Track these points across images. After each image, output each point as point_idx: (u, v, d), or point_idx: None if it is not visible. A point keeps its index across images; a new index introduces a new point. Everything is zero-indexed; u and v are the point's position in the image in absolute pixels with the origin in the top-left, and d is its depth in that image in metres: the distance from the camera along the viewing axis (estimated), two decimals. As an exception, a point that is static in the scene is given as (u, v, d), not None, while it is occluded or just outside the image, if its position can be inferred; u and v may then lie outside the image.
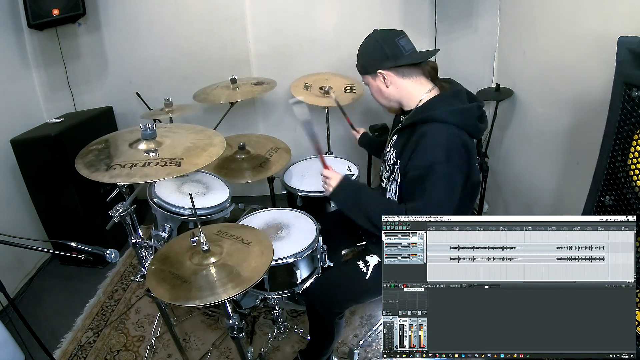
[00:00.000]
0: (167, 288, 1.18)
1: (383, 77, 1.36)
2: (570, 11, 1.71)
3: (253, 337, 1.96)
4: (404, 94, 1.38)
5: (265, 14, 2.57)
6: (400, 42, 1.34)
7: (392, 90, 1.38)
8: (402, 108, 1.42)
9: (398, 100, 1.40)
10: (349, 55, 1.94)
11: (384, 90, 1.39)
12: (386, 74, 1.35)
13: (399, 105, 1.42)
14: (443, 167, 1.20)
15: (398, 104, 1.42)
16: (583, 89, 1.65)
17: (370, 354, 1.84)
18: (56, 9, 2.31)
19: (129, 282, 2.39)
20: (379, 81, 1.38)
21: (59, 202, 2.37)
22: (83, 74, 2.73)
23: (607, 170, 1.19)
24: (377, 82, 1.39)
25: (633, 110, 1.09)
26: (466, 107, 1.29)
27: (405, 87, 1.37)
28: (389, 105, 1.45)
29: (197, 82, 2.44)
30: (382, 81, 1.37)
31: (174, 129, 1.48)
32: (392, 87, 1.37)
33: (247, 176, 2.01)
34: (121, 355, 1.92)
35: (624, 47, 1.11)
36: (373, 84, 1.41)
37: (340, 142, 2.83)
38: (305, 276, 1.60)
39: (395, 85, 1.37)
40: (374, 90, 1.43)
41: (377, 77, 1.37)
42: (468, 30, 2.47)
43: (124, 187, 1.41)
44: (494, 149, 2.47)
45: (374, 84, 1.41)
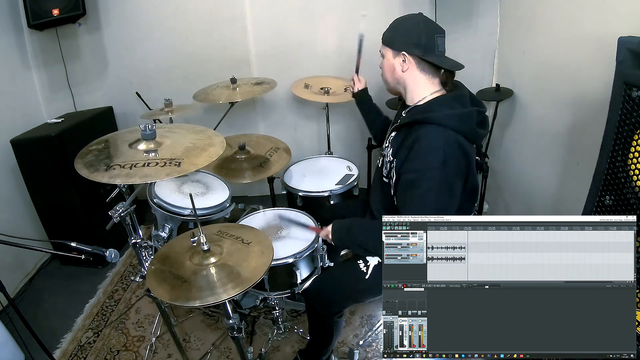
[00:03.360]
0: (167, 288, 1.18)
1: (403, 60, 1.33)
2: (571, 11, 1.71)
3: (253, 337, 1.96)
4: (412, 86, 1.37)
5: (266, 14, 2.57)
6: (438, 40, 1.32)
7: (404, 76, 1.36)
8: (404, 99, 1.42)
9: (404, 87, 1.39)
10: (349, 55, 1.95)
11: (397, 71, 1.36)
12: (409, 59, 1.33)
13: (402, 92, 1.41)
14: (437, 172, 1.20)
15: (403, 90, 1.40)
16: (583, 89, 1.64)
17: (370, 354, 1.84)
18: (56, 9, 2.30)
19: (129, 282, 2.39)
20: (397, 60, 1.35)
21: (59, 202, 2.36)
22: (83, 74, 2.73)
23: (607, 170, 1.19)
24: (394, 60, 1.36)
25: (633, 110, 1.09)
26: (465, 112, 1.28)
27: (417, 80, 1.35)
28: (392, 86, 1.44)
29: (197, 82, 2.44)
30: (400, 62, 1.34)
31: (174, 129, 1.48)
32: (407, 73, 1.35)
33: (247, 176, 2.01)
34: (121, 355, 1.92)
35: (624, 47, 1.11)
36: (390, 60, 1.37)
37: (340, 142, 2.83)
38: (305, 276, 1.60)
39: (410, 73, 1.35)
40: (387, 66, 1.40)
41: (399, 56, 1.34)
42: (468, 30, 2.47)
43: (123, 187, 1.41)
44: (494, 149, 2.47)
45: (391, 60, 1.37)
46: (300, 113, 2.85)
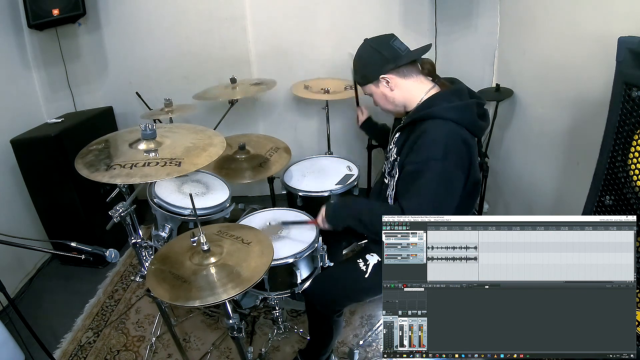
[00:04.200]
0: (167, 288, 1.17)
1: (387, 82, 1.36)
2: (571, 11, 1.71)
3: (253, 337, 1.96)
4: (407, 95, 1.38)
5: (266, 14, 2.57)
6: (395, 43, 1.35)
7: (396, 94, 1.38)
8: (406, 109, 1.42)
9: (403, 103, 1.40)
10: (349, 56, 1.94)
11: (389, 95, 1.38)
12: (389, 78, 1.35)
13: (405, 107, 1.42)
14: (439, 164, 1.20)
15: (403, 107, 1.41)
16: (583, 89, 1.64)
17: (370, 354, 1.84)
18: (56, 9, 2.31)
19: (129, 282, 2.39)
20: (382, 87, 1.38)
21: (59, 202, 2.36)
22: (83, 74, 2.73)
23: (607, 170, 1.19)
24: (380, 89, 1.39)
25: (633, 110, 1.09)
26: (465, 104, 1.29)
27: (408, 88, 1.37)
28: (395, 111, 1.45)
29: (197, 82, 2.44)
30: (385, 86, 1.37)
31: (174, 129, 1.48)
32: (397, 90, 1.37)
33: (247, 176, 2.01)
34: (121, 355, 1.92)
35: (624, 47, 1.11)
36: (377, 91, 1.40)
37: (340, 142, 2.84)
38: (306, 276, 1.60)
39: (398, 87, 1.36)
40: (378, 97, 1.42)
41: (380, 82, 1.37)
42: (468, 30, 2.47)
43: (124, 187, 1.41)
44: (494, 149, 2.47)
45: (377, 91, 1.40)
46: (300, 113, 2.86)
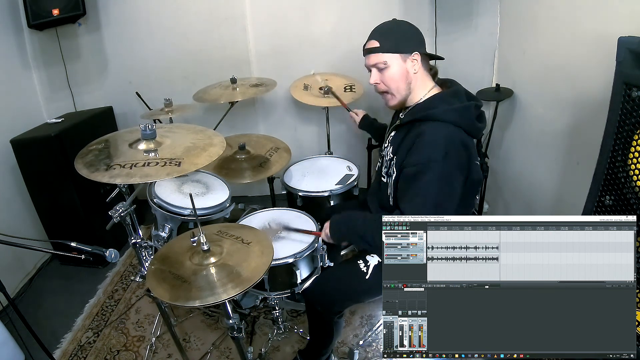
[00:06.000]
0: (167, 288, 1.18)
1: (415, 60, 1.32)
2: (571, 11, 1.71)
3: (253, 337, 1.96)
4: (416, 86, 1.36)
5: (266, 14, 2.57)
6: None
7: (415, 77, 1.34)
8: (406, 103, 1.41)
9: (410, 90, 1.36)
10: (349, 55, 1.95)
11: (411, 75, 1.33)
12: (418, 58, 1.31)
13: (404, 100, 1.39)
14: (440, 165, 1.20)
15: (406, 96, 1.38)
16: (583, 89, 1.64)
17: (370, 354, 1.84)
18: (56, 9, 2.31)
19: (129, 282, 2.39)
20: (409, 63, 1.31)
21: (59, 202, 2.36)
22: (83, 74, 2.73)
23: (607, 170, 1.19)
24: (406, 64, 1.32)
25: (633, 110, 1.09)
26: (463, 106, 1.29)
27: (422, 79, 1.36)
28: (398, 95, 1.37)
29: (197, 82, 2.44)
30: (411, 64, 1.32)
31: (174, 129, 1.48)
32: (417, 74, 1.34)
33: (247, 176, 2.01)
34: (121, 355, 1.92)
35: (624, 47, 1.11)
36: (401, 65, 1.31)
37: (340, 142, 2.83)
38: (305, 276, 1.60)
39: (419, 73, 1.34)
40: (398, 72, 1.32)
41: (410, 57, 1.31)
42: (468, 30, 2.47)
43: (124, 187, 1.41)
44: (494, 149, 2.47)
45: (402, 65, 1.31)
46: (300, 113, 2.85)
